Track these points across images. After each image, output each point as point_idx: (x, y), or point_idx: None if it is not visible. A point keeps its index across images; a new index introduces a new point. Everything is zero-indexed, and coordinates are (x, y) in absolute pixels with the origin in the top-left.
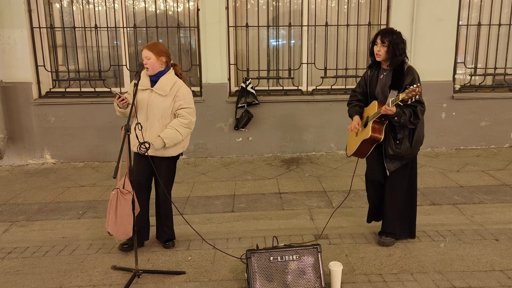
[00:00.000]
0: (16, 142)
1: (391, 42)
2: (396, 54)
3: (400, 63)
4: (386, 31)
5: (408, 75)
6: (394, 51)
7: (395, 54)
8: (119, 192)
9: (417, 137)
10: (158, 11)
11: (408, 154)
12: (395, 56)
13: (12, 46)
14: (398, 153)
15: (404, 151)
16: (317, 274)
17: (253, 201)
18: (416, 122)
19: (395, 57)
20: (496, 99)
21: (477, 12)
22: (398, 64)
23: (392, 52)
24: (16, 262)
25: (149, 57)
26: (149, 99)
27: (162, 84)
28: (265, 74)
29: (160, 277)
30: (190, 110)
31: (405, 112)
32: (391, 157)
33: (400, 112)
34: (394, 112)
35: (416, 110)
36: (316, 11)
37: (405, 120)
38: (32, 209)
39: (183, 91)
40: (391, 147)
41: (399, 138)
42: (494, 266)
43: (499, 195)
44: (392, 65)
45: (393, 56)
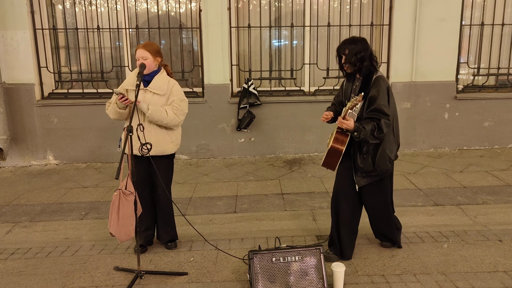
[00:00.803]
0: (19, 143)
1: (349, 52)
2: (356, 63)
3: (367, 73)
4: (344, 41)
5: (373, 86)
6: (354, 60)
7: (356, 63)
8: (121, 193)
9: (381, 153)
10: (160, 12)
11: (373, 171)
12: (358, 65)
13: (15, 48)
14: (361, 168)
15: (367, 167)
16: (320, 275)
17: (256, 202)
18: (380, 137)
19: (358, 66)
20: (499, 99)
21: (480, 12)
22: (366, 74)
23: (353, 62)
24: (19, 263)
25: (146, 57)
26: (144, 99)
27: (158, 84)
28: (267, 74)
29: (162, 278)
30: (183, 103)
31: (366, 127)
32: (361, 171)
33: (358, 126)
34: (351, 127)
35: (380, 123)
36: (318, 12)
37: (366, 135)
38: (35, 210)
39: (177, 88)
40: (359, 160)
41: (364, 152)
42: (498, 267)
43: (502, 196)
44: (361, 74)
45: (356, 66)
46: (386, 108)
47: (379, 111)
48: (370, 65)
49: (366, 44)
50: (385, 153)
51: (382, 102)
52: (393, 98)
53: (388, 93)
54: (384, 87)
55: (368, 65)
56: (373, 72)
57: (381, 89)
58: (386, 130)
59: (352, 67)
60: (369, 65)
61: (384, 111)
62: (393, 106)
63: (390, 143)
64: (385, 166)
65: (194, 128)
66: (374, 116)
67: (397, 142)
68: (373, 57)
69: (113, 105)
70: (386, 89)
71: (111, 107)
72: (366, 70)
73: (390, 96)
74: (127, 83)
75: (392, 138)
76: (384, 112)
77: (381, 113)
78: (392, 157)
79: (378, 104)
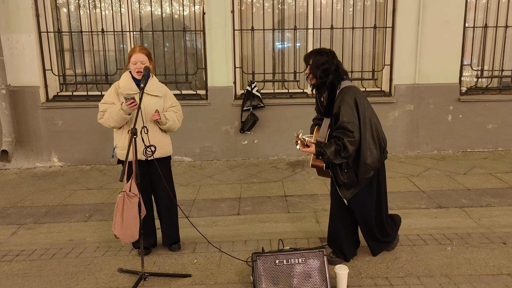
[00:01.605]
0: (24, 146)
1: (313, 62)
2: (319, 75)
3: (330, 87)
4: (311, 52)
5: (336, 101)
6: (317, 72)
7: (319, 75)
8: (125, 195)
9: (362, 164)
10: (164, 15)
11: (356, 183)
12: (320, 77)
13: (20, 51)
14: (344, 183)
15: (351, 181)
16: (323, 278)
17: (259, 204)
18: (347, 156)
19: (321, 78)
20: (503, 102)
21: (483, 14)
22: (330, 88)
23: (316, 73)
24: (24, 265)
25: (144, 61)
26: (143, 103)
27: (154, 86)
28: (270, 77)
29: (166, 280)
30: (180, 108)
31: (327, 151)
32: (345, 185)
33: (320, 151)
34: (313, 152)
35: (345, 143)
36: (321, 14)
37: (329, 159)
38: (40, 212)
39: (169, 91)
40: (339, 176)
41: (344, 167)
42: (502, 269)
43: (506, 198)
44: (325, 88)
45: (318, 78)
46: (350, 124)
47: (342, 128)
48: (334, 78)
49: (333, 57)
50: (366, 164)
51: (345, 119)
52: (364, 105)
53: (356, 104)
54: (349, 98)
55: (332, 79)
56: (336, 86)
57: (344, 103)
58: (352, 148)
59: (314, 78)
60: (332, 78)
61: (347, 128)
62: (365, 112)
63: (370, 151)
64: (367, 174)
65: (198, 130)
66: (339, 135)
67: (379, 146)
68: (339, 71)
69: (119, 111)
70: (352, 100)
71: (114, 114)
72: (330, 84)
73: (359, 106)
74: (125, 87)
75: (371, 143)
76: (347, 129)
77: (345, 129)
78: (372, 164)
79: (341, 121)
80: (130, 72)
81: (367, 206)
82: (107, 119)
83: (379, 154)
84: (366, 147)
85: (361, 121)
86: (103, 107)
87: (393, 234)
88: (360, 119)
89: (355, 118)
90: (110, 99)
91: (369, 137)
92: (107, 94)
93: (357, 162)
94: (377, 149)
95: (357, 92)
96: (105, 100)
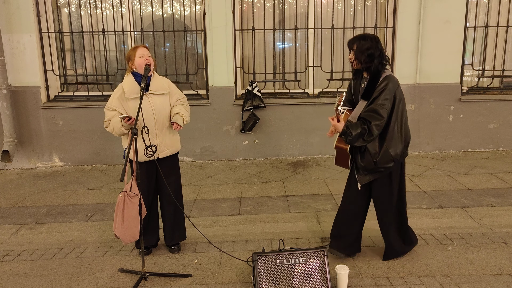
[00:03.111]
0: (25, 146)
1: (358, 47)
2: (364, 60)
3: (375, 72)
4: (355, 37)
5: (379, 86)
6: (362, 57)
7: (364, 60)
8: (126, 195)
9: (384, 151)
10: (165, 15)
11: (375, 169)
12: (365, 62)
13: (21, 51)
14: (362, 166)
15: (368, 165)
16: (324, 278)
17: (260, 204)
18: (369, 140)
19: (366, 63)
20: (504, 101)
21: (484, 14)
22: (374, 73)
23: (361, 58)
24: (25, 265)
25: (149, 55)
26: (150, 104)
27: (158, 84)
28: (271, 77)
29: (166, 280)
30: (186, 99)
31: (353, 132)
32: (362, 169)
33: (345, 131)
34: (339, 129)
35: (371, 127)
36: (322, 14)
37: (352, 140)
38: (41, 212)
39: (172, 85)
40: (358, 158)
41: (362, 151)
42: (503, 269)
43: (508, 198)
44: (369, 73)
45: (363, 63)
46: (382, 109)
47: (374, 111)
48: (378, 64)
49: (377, 42)
50: (388, 152)
51: (381, 102)
52: (401, 98)
53: (395, 94)
54: (392, 87)
55: (377, 64)
56: (380, 72)
57: (386, 90)
58: (376, 133)
59: (359, 63)
60: (377, 64)
61: (378, 112)
62: (400, 105)
63: (395, 142)
64: (386, 163)
65: (199, 130)
66: (367, 118)
67: (404, 141)
68: (383, 56)
69: (121, 128)
70: (394, 89)
71: (117, 129)
72: (374, 69)
73: (396, 97)
74: (130, 92)
75: (398, 136)
76: (378, 113)
77: (376, 113)
78: (395, 155)
79: (375, 104)
80: (132, 74)
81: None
82: (112, 130)
83: (402, 147)
84: (391, 137)
85: (394, 111)
86: (108, 115)
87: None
88: (393, 109)
89: (389, 105)
90: (112, 105)
91: (397, 129)
92: (110, 99)
93: (380, 149)
94: (402, 142)
95: (398, 84)
96: (108, 106)
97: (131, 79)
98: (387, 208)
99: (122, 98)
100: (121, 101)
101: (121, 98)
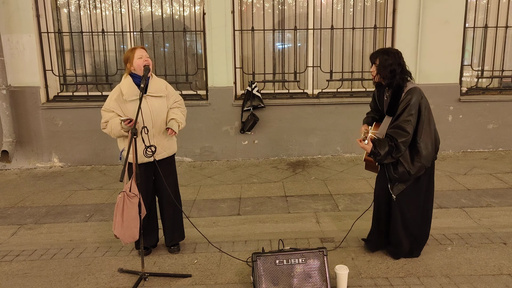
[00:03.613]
0: (24, 146)
1: (380, 62)
2: (386, 76)
3: (397, 87)
4: (378, 51)
5: (402, 102)
6: (384, 72)
7: (386, 76)
8: (125, 195)
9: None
10: (165, 15)
11: (408, 179)
12: (388, 78)
13: (21, 51)
14: (396, 178)
15: (403, 177)
16: (323, 278)
17: (259, 204)
18: (398, 156)
19: (388, 79)
20: (503, 102)
21: (483, 14)
22: (396, 88)
23: (383, 74)
24: (24, 265)
25: (148, 56)
26: (148, 106)
27: (156, 86)
28: (270, 77)
29: (166, 280)
30: (183, 101)
31: (381, 151)
32: (396, 180)
33: (374, 152)
34: (367, 150)
35: (398, 144)
36: (321, 15)
37: (381, 159)
38: (40, 212)
39: (170, 86)
40: (390, 170)
41: (394, 163)
42: (502, 270)
43: (507, 198)
44: (390, 88)
45: (385, 78)
46: (407, 125)
47: (399, 127)
48: (400, 79)
49: (399, 58)
50: (421, 162)
51: (405, 118)
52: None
53: (419, 106)
54: (415, 101)
55: (398, 80)
56: (402, 87)
57: (409, 106)
58: (404, 149)
59: (381, 78)
60: (399, 79)
61: (404, 128)
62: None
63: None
64: (420, 172)
65: (198, 131)
66: (393, 135)
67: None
68: (405, 72)
69: (120, 130)
70: (417, 102)
71: (116, 131)
72: (396, 84)
73: (421, 107)
74: (129, 94)
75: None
76: (404, 129)
77: (401, 130)
78: (428, 163)
79: (400, 121)
80: (130, 75)
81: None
82: (110, 131)
83: (433, 153)
84: (425, 147)
85: (421, 121)
86: (105, 116)
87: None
88: (420, 119)
89: (414, 120)
90: (110, 107)
91: (428, 136)
92: (108, 100)
93: (412, 160)
94: (433, 148)
95: (422, 94)
96: (105, 107)
97: (130, 81)
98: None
99: (120, 100)
100: (119, 102)
101: (119, 99)
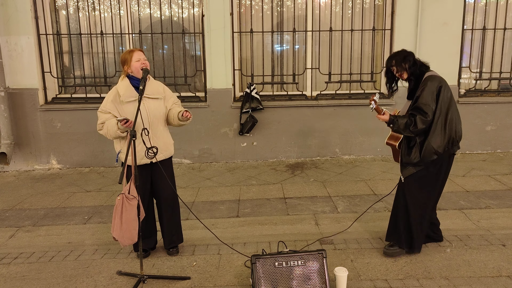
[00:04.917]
0: (22, 148)
1: (396, 62)
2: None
3: (419, 74)
4: (388, 57)
5: (420, 86)
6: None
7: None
8: (124, 197)
9: (427, 145)
10: (163, 17)
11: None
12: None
13: (19, 53)
14: (408, 160)
15: (414, 159)
16: (322, 280)
17: (258, 206)
18: (415, 131)
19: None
20: (501, 104)
21: (482, 16)
22: (417, 75)
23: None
24: (22, 267)
25: (145, 58)
26: (145, 107)
27: (154, 88)
28: (269, 79)
29: (165, 283)
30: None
31: (399, 120)
32: (404, 163)
33: (393, 120)
34: (387, 120)
35: (416, 119)
36: (320, 17)
37: (399, 128)
38: (38, 215)
39: (167, 88)
40: (403, 153)
41: (411, 146)
42: (501, 271)
43: (505, 200)
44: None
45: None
46: (425, 106)
47: (417, 109)
48: (421, 65)
49: (406, 52)
50: (430, 145)
51: (423, 101)
52: (447, 96)
53: (438, 92)
54: (432, 85)
55: (419, 65)
56: (423, 73)
57: (426, 88)
58: (422, 126)
59: (405, 71)
60: (420, 65)
61: (421, 109)
62: (445, 102)
63: (436, 136)
64: (430, 157)
65: (197, 133)
66: (413, 113)
67: (448, 136)
68: (419, 62)
69: (117, 131)
70: (436, 87)
71: (112, 132)
72: (419, 70)
73: (440, 94)
74: (126, 95)
75: (440, 131)
76: (421, 110)
77: (420, 110)
78: (437, 148)
79: (418, 103)
80: (128, 77)
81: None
82: (106, 133)
83: (445, 142)
84: (433, 130)
85: (438, 107)
86: (101, 117)
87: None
88: (437, 105)
89: (432, 103)
90: (106, 108)
91: (441, 124)
92: (104, 102)
93: (423, 143)
94: (444, 137)
95: (444, 83)
96: (101, 108)
97: (127, 83)
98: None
99: (117, 101)
100: (116, 104)
101: (116, 101)
